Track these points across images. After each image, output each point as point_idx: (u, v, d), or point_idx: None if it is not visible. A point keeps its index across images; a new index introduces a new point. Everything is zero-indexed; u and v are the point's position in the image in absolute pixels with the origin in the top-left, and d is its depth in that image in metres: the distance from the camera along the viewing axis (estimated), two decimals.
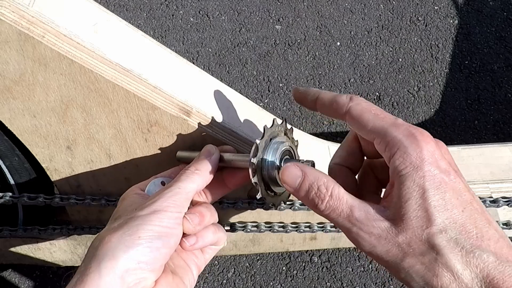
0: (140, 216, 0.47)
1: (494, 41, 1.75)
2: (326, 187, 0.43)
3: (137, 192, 0.55)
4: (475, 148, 0.83)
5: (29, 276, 1.21)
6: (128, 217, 0.47)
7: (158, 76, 0.60)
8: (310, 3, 1.86)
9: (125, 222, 0.47)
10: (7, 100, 0.59)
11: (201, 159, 0.54)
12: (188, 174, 0.52)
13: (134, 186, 0.57)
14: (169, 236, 0.47)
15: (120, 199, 0.55)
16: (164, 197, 0.49)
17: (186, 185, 0.51)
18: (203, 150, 0.56)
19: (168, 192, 0.49)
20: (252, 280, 1.23)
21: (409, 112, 1.58)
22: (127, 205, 0.52)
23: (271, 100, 1.61)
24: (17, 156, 0.70)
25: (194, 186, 0.51)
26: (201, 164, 0.53)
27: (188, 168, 0.53)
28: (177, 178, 0.52)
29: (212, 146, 0.56)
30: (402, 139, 0.42)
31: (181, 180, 0.51)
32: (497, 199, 0.75)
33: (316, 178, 0.44)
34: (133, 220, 0.46)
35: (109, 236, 0.45)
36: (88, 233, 0.79)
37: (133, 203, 0.52)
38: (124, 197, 0.54)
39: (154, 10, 1.84)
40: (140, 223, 0.46)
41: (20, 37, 0.52)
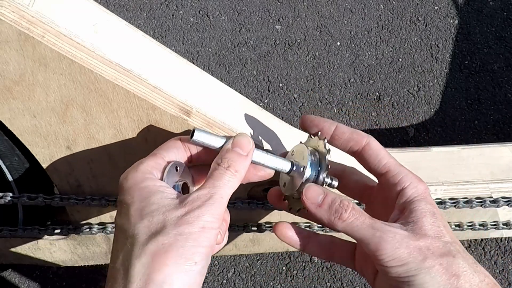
0: (192, 235, 0.43)
1: (494, 41, 1.75)
2: (348, 202, 0.49)
3: (152, 177, 0.48)
4: (475, 148, 0.83)
5: (29, 276, 1.21)
6: (174, 231, 0.43)
7: (158, 76, 0.60)
8: (310, 3, 1.86)
9: (176, 239, 0.43)
10: (7, 100, 0.59)
11: (238, 155, 0.49)
12: (227, 177, 0.48)
13: (140, 165, 0.49)
14: (211, 254, 0.46)
15: (128, 178, 0.48)
16: (207, 207, 0.45)
17: (226, 191, 0.47)
18: (236, 141, 0.50)
19: (210, 201, 0.45)
20: (252, 280, 1.23)
21: (409, 112, 1.58)
22: (149, 196, 0.46)
23: (271, 100, 1.61)
24: (17, 156, 0.70)
25: (231, 192, 0.48)
26: (239, 163, 0.49)
27: (223, 164, 0.48)
28: (214, 178, 0.47)
29: (248, 137, 0.51)
30: (413, 177, 0.52)
31: (219, 186, 0.47)
32: (497, 199, 0.75)
33: (337, 195, 0.50)
34: (186, 240, 0.43)
35: (163, 256, 0.42)
36: (88, 233, 0.79)
37: (158, 196, 0.46)
38: (137, 181, 0.47)
39: (154, 10, 1.84)
40: (193, 244, 0.43)
41: (20, 37, 0.52)
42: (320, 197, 0.50)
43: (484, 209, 0.77)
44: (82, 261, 0.94)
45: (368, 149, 0.54)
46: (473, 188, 0.77)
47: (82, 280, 1.22)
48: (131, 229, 0.44)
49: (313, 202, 0.50)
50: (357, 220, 0.48)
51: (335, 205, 0.49)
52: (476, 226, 0.83)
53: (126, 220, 0.46)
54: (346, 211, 0.48)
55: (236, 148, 0.49)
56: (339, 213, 0.48)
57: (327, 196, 0.50)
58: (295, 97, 1.62)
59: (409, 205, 0.50)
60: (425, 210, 0.49)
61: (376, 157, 0.54)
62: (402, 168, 0.53)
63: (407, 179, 0.52)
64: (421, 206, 0.49)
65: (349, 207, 0.48)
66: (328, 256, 0.58)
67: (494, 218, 0.84)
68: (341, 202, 0.49)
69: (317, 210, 0.50)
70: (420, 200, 0.50)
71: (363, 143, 0.54)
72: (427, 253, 0.46)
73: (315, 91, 1.63)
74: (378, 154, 0.54)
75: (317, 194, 0.50)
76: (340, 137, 0.55)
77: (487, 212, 0.83)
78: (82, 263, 0.95)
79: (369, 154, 0.54)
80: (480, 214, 0.83)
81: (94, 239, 0.86)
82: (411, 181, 0.51)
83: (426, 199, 0.50)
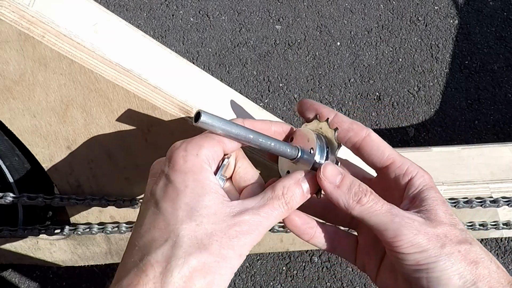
0: (231, 261, 0.42)
1: (494, 41, 1.75)
2: (365, 186, 0.48)
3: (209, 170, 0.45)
4: (475, 148, 0.83)
5: (29, 276, 1.21)
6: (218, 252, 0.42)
7: (158, 76, 0.60)
8: (310, 3, 1.86)
9: (217, 262, 0.42)
10: (7, 100, 0.59)
11: (302, 194, 0.48)
12: (280, 211, 0.46)
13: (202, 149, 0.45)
14: None
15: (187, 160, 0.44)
16: (252, 237, 0.44)
17: (272, 223, 0.46)
18: (308, 177, 0.48)
19: (257, 232, 0.44)
20: (252, 280, 1.23)
21: (409, 112, 1.58)
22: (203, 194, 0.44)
23: (271, 100, 1.61)
24: (17, 156, 0.70)
25: (276, 222, 0.47)
26: (298, 202, 0.48)
27: (286, 197, 0.47)
28: (271, 207, 0.46)
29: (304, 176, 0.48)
30: (418, 167, 0.52)
31: (270, 218, 0.45)
32: (497, 199, 0.75)
33: (354, 178, 0.49)
34: (224, 265, 0.42)
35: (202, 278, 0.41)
36: (88, 233, 0.79)
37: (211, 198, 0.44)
38: (195, 169, 0.44)
39: (154, 10, 1.84)
40: (228, 272, 0.42)
41: (20, 37, 0.52)
42: (339, 177, 0.48)
43: (484, 209, 0.77)
44: (82, 261, 0.94)
45: (370, 141, 0.53)
46: (473, 188, 0.77)
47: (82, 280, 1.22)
48: (176, 225, 0.42)
49: (331, 181, 0.47)
50: (376, 205, 0.47)
51: (355, 188, 0.47)
52: (476, 226, 0.83)
53: (172, 208, 0.43)
54: (366, 195, 0.47)
55: (304, 185, 0.48)
56: (358, 196, 0.47)
57: (345, 177, 0.48)
58: (295, 97, 1.62)
59: (420, 194, 0.49)
60: (437, 198, 0.49)
61: (378, 148, 0.52)
62: (406, 159, 0.52)
63: (414, 168, 0.51)
64: (432, 194, 0.49)
65: (368, 191, 0.47)
66: (331, 247, 0.56)
67: (494, 218, 0.84)
68: (360, 185, 0.47)
69: (335, 191, 0.47)
70: (429, 188, 0.50)
71: (364, 135, 0.53)
72: (445, 240, 0.45)
73: (315, 91, 1.63)
74: (379, 145, 0.52)
75: (336, 174, 0.48)
76: (339, 126, 0.53)
77: (487, 212, 0.83)
78: (82, 263, 0.95)
79: (370, 146, 0.53)
80: (480, 214, 0.83)
81: (94, 239, 0.86)
82: (417, 170, 0.51)
83: (434, 188, 0.50)
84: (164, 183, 0.44)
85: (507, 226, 0.83)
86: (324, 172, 0.48)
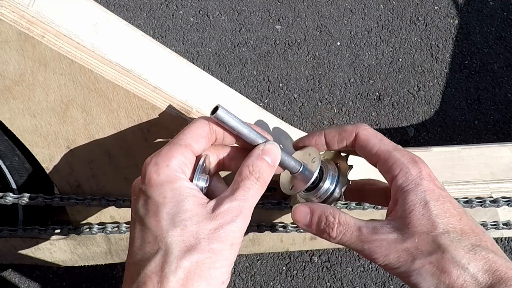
0: (223, 253, 0.43)
1: (494, 41, 1.75)
2: (333, 216, 0.49)
3: (183, 178, 0.47)
4: (475, 148, 0.82)
5: (29, 276, 1.21)
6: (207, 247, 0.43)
7: (158, 76, 0.60)
8: (310, 3, 1.86)
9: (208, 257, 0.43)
10: (7, 100, 0.59)
11: (267, 165, 0.48)
12: (255, 188, 0.47)
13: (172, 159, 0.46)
14: None
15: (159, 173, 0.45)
16: (238, 223, 0.45)
17: (253, 203, 0.47)
18: (267, 149, 0.48)
19: (241, 217, 0.45)
20: (252, 280, 1.23)
21: (409, 112, 1.58)
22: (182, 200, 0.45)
23: (271, 100, 1.61)
24: (17, 156, 0.70)
25: (256, 203, 0.48)
26: (268, 174, 0.48)
27: (254, 174, 0.47)
28: (244, 189, 0.46)
29: (278, 148, 0.49)
30: (404, 161, 0.49)
31: (249, 199, 0.46)
32: (497, 199, 0.75)
33: (323, 210, 0.50)
34: (217, 259, 0.43)
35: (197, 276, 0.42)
36: (88, 233, 0.79)
37: (190, 202, 0.45)
38: (169, 179, 0.45)
39: (154, 10, 1.84)
40: (223, 264, 0.44)
41: (20, 37, 0.52)
42: (308, 217, 0.51)
43: (484, 209, 0.77)
44: (82, 261, 0.94)
45: (358, 142, 0.52)
46: (473, 188, 0.77)
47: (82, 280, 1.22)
48: (163, 235, 0.43)
49: (303, 223, 0.51)
50: (345, 236, 0.49)
51: (322, 223, 0.50)
52: None
53: (156, 221, 0.44)
54: (333, 229, 0.49)
55: (267, 157, 0.48)
56: (327, 232, 0.49)
57: (313, 214, 0.50)
58: (295, 97, 1.62)
59: (400, 196, 0.48)
60: (415, 202, 0.47)
61: (366, 147, 0.51)
62: (394, 153, 0.50)
63: (398, 165, 0.49)
64: (411, 198, 0.47)
65: (335, 224, 0.49)
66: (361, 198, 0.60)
67: (494, 218, 0.84)
68: (327, 220, 0.49)
69: (308, 230, 0.51)
70: (411, 190, 0.47)
71: (352, 137, 0.52)
72: (415, 253, 0.45)
73: (315, 91, 1.63)
74: (367, 144, 0.51)
75: (305, 214, 0.51)
76: (332, 141, 0.54)
77: (487, 212, 0.83)
78: (82, 263, 0.95)
79: (360, 146, 0.52)
80: (480, 214, 0.83)
81: (94, 239, 0.86)
82: (401, 167, 0.48)
83: (418, 185, 0.47)
84: (143, 200, 0.46)
85: (507, 226, 0.83)
86: (295, 217, 0.52)
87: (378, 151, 0.51)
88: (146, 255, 0.43)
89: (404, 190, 0.48)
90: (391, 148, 0.50)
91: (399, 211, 0.48)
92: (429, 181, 0.48)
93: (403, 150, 0.51)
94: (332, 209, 0.50)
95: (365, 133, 0.52)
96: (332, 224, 0.49)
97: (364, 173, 0.76)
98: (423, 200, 0.47)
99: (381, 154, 0.50)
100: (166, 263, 0.42)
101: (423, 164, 0.49)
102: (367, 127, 0.53)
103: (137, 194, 0.47)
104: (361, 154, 0.53)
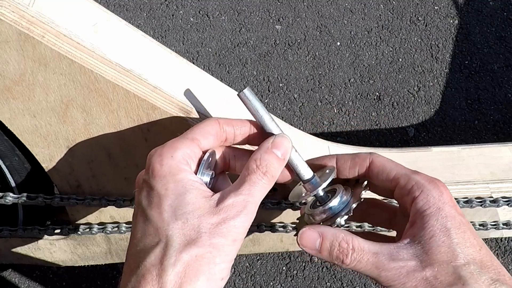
0: (224, 249, 0.43)
1: (494, 41, 1.75)
2: (347, 242, 0.47)
3: (187, 170, 0.46)
4: (475, 148, 0.82)
5: (29, 276, 1.21)
6: (208, 241, 0.42)
7: (158, 76, 0.60)
8: (310, 3, 1.86)
9: (209, 252, 0.42)
10: (7, 100, 0.59)
11: (277, 159, 0.47)
12: (262, 183, 0.45)
13: (177, 151, 0.46)
14: None
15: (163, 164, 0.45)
16: (241, 218, 0.44)
17: (259, 199, 0.45)
18: (277, 142, 0.47)
19: (245, 212, 0.44)
20: (252, 280, 1.23)
21: (409, 112, 1.58)
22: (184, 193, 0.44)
23: (271, 100, 1.61)
24: (17, 156, 0.70)
25: (262, 198, 0.46)
26: (276, 168, 0.46)
27: (261, 168, 0.46)
28: (250, 183, 0.45)
29: (289, 141, 0.48)
30: (425, 183, 0.47)
31: (255, 194, 0.45)
32: (497, 199, 0.75)
33: (334, 235, 0.47)
34: (218, 254, 0.42)
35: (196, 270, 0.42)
36: (88, 233, 0.79)
37: (193, 195, 0.44)
38: (173, 171, 0.45)
39: (154, 10, 1.84)
40: (223, 260, 0.43)
41: (20, 37, 0.52)
42: (318, 242, 0.48)
43: (484, 209, 0.77)
44: (82, 261, 0.94)
45: (374, 168, 0.51)
46: (473, 188, 0.77)
47: (82, 280, 1.22)
48: (164, 227, 0.43)
49: (311, 248, 0.48)
50: (360, 263, 0.46)
51: (335, 250, 0.47)
52: (476, 226, 0.83)
53: (158, 213, 0.43)
54: (347, 256, 0.46)
55: (276, 150, 0.47)
56: (340, 259, 0.46)
57: (324, 239, 0.47)
58: (295, 97, 1.62)
59: (420, 220, 0.46)
60: (436, 228, 0.45)
61: (383, 172, 0.50)
62: (413, 175, 0.49)
63: (418, 187, 0.47)
64: (431, 223, 0.45)
65: (349, 250, 0.46)
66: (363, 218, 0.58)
67: (494, 218, 0.84)
68: (340, 245, 0.46)
69: (319, 256, 0.48)
70: (432, 214, 0.46)
71: (367, 163, 0.51)
72: (434, 283, 0.43)
73: (315, 91, 1.63)
74: (384, 168, 0.50)
75: (314, 238, 0.48)
76: (343, 167, 0.52)
77: (487, 212, 0.83)
78: (82, 263, 0.95)
79: (375, 172, 0.51)
80: (480, 214, 0.83)
81: (94, 239, 0.86)
82: (422, 189, 0.47)
83: (440, 210, 0.46)
84: (146, 192, 0.45)
85: (507, 226, 0.83)
86: (302, 242, 0.49)
87: (397, 174, 0.49)
88: (146, 247, 0.43)
89: (425, 213, 0.46)
90: (409, 171, 0.49)
91: (417, 235, 0.46)
92: (451, 207, 0.46)
93: (421, 173, 0.49)
94: (344, 233, 0.47)
95: (380, 159, 0.51)
96: (346, 251, 0.46)
97: None
98: (444, 226, 0.45)
99: (400, 177, 0.49)
100: (165, 256, 0.42)
101: (444, 187, 0.48)
102: (380, 154, 0.52)
103: (140, 186, 0.47)
104: (376, 180, 0.51)
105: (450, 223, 0.45)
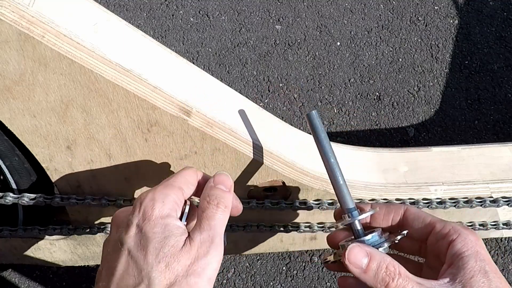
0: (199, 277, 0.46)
1: (494, 41, 1.75)
2: (394, 266, 0.48)
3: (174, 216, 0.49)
4: (475, 148, 0.82)
5: (29, 276, 1.21)
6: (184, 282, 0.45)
7: (158, 76, 0.60)
8: (310, 3, 1.86)
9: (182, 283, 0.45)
10: (7, 100, 0.59)
11: (222, 191, 0.51)
12: (218, 214, 0.49)
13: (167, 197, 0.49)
14: None
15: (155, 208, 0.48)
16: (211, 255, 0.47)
17: (221, 229, 0.49)
18: (217, 179, 0.52)
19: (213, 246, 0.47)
20: (252, 280, 1.23)
21: (409, 112, 1.58)
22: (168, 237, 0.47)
23: (271, 100, 1.61)
24: (17, 156, 0.70)
25: (224, 227, 0.50)
26: (226, 198, 0.51)
27: (212, 201, 0.50)
28: (208, 218, 0.49)
29: (227, 174, 0.53)
30: (461, 229, 0.50)
31: (215, 226, 0.48)
32: (497, 199, 0.75)
33: (382, 258, 0.48)
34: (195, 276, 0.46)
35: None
36: (88, 233, 0.79)
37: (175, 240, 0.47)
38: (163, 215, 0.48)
39: (154, 10, 1.84)
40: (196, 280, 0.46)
41: (20, 37, 0.52)
42: (365, 260, 0.48)
43: (484, 209, 0.77)
44: (82, 261, 0.94)
45: (409, 215, 0.55)
46: (473, 188, 0.77)
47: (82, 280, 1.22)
48: (147, 269, 0.45)
49: (357, 266, 0.48)
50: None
51: (382, 272, 0.47)
52: (476, 226, 0.83)
53: (143, 255, 0.46)
54: (393, 280, 0.46)
55: (219, 185, 0.51)
56: (385, 282, 0.47)
57: (371, 260, 0.48)
58: (295, 97, 1.62)
59: (458, 261, 0.48)
60: (475, 269, 0.47)
61: (419, 218, 0.54)
62: (449, 222, 0.52)
63: (455, 231, 0.50)
64: (471, 264, 0.47)
65: (396, 274, 0.47)
66: None
67: (494, 218, 0.84)
68: (387, 268, 0.47)
69: (362, 275, 0.48)
70: (470, 255, 0.48)
71: (403, 210, 0.55)
72: None
73: (315, 91, 1.63)
74: (420, 215, 0.54)
75: (362, 257, 0.48)
76: (378, 213, 0.56)
77: (487, 212, 0.83)
78: (82, 263, 0.95)
79: (411, 218, 0.55)
80: (480, 214, 0.83)
81: (94, 239, 0.86)
82: (459, 232, 0.50)
83: (477, 253, 0.48)
84: (134, 233, 0.47)
85: (507, 226, 0.83)
86: (349, 257, 0.49)
87: (432, 220, 0.53)
88: (128, 286, 0.45)
89: (464, 255, 0.48)
90: (441, 219, 0.53)
91: (457, 275, 0.47)
92: (486, 252, 0.49)
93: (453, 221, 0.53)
94: (390, 258, 0.49)
95: (413, 209, 0.55)
96: (393, 274, 0.47)
97: (367, 173, 0.76)
98: (483, 268, 0.47)
99: (436, 222, 0.52)
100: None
101: (476, 233, 0.51)
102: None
103: (126, 226, 0.49)
104: (411, 226, 0.54)
105: (488, 267, 0.47)
